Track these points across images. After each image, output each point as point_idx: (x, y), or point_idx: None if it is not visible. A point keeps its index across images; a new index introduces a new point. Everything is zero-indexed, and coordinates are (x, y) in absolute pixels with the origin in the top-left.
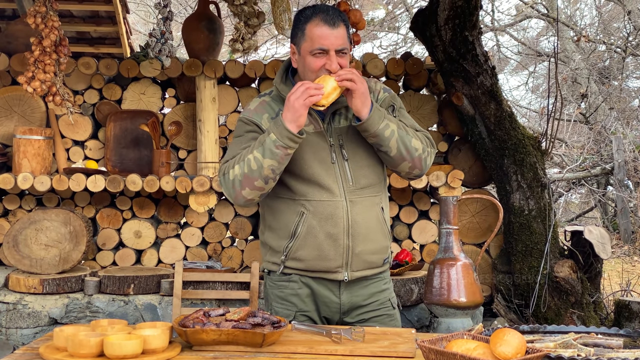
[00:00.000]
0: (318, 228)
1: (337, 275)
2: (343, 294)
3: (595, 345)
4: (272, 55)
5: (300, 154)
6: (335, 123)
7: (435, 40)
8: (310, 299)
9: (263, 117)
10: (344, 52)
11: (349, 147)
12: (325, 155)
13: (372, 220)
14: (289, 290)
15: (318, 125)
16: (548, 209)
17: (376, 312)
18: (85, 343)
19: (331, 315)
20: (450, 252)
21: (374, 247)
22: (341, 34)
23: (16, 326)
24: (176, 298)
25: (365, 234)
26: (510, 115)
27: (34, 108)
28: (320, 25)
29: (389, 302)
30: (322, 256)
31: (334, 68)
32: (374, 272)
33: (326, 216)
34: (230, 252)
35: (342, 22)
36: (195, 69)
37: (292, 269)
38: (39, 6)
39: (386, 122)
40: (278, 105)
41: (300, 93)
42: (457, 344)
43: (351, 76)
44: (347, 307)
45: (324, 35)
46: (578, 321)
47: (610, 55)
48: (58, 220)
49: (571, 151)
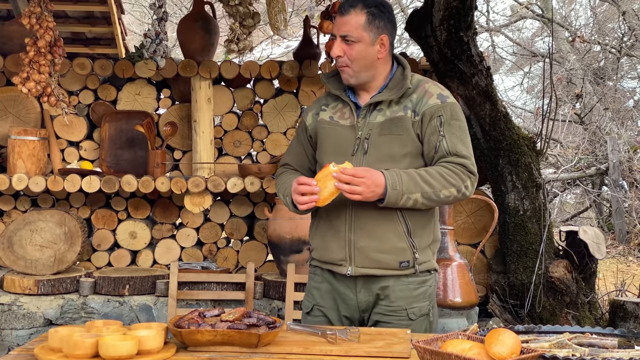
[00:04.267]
0: (325, 218)
1: (341, 269)
2: (360, 291)
3: (590, 345)
4: (267, 55)
5: (324, 146)
6: (372, 117)
7: (430, 40)
8: (330, 296)
9: (309, 114)
10: (350, 40)
11: (373, 140)
12: (348, 148)
13: (380, 217)
14: (313, 283)
15: (352, 118)
16: (543, 209)
17: (387, 317)
18: (80, 344)
19: (351, 314)
20: (446, 253)
21: (382, 246)
22: (349, 20)
23: (11, 327)
24: (171, 299)
25: (370, 229)
26: (505, 115)
27: (29, 109)
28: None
29: (404, 311)
30: (327, 247)
31: (332, 51)
32: (387, 274)
33: (333, 206)
34: (226, 252)
35: (361, 10)
36: (190, 70)
37: (314, 260)
38: (34, 7)
39: (406, 197)
40: (327, 100)
41: (294, 193)
42: (452, 344)
43: (348, 181)
44: (364, 305)
45: (335, 21)
46: (573, 321)
47: (605, 55)
48: (53, 221)
49: (566, 151)
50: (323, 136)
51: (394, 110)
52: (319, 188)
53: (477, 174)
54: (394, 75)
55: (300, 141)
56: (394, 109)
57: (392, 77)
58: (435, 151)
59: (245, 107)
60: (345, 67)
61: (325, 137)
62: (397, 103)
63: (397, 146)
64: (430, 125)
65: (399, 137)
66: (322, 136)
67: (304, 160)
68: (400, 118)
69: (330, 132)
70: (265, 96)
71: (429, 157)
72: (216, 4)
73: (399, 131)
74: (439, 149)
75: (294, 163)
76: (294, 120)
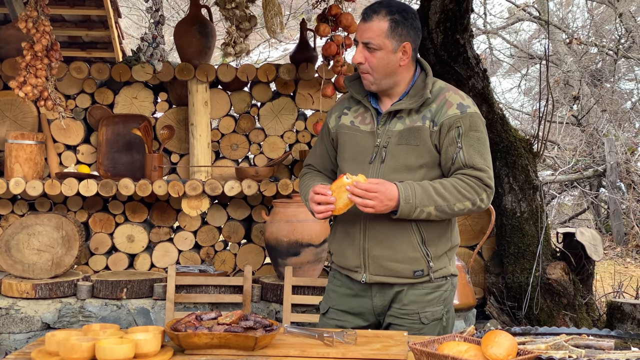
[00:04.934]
0: (341, 225)
1: (357, 275)
2: (375, 295)
3: (586, 347)
4: (264, 59)
5: (344, 151)
6: (392, 125)
7: (426, 43)
8: (347, 300)
9: (332, 116)
10: (372, 47)
11: (391, 149)
12: (367, 155)
13: (394, 227)
14: (332, 286)
15: (373, 125)
16: (540, 211)
17: (400, 320)
18: (77, 347)
19: (367, 317)
20: None
21: (396, 255)
22: (371, 27)
23: (9, 331)
24: (169, 302)
25: (383, 239)
26: (502, 117)
27: (26, 113)
28: (360, 19)
29: (416, 315)
30: (342, 253)
31: (353, 58)
32: (401, 282)
33: (347, 214)
34: (223, 255)
35: (384, 17)
36: (187, 73)
37: (333, 263)
38: (31, 11)
39: (419, 210)
40: (350, 103)
41: (311, 202)
42: (449, 346)
43: (361, 195)
44: (379, 309)
45: (357, 27)
46: (570, 323)
47: (602, 57)
48: (50, 224)
49: (563, 153)
50: (343, 141)
51: (413, 119)
52: (334, 198)
53: (493, 187)
54: (416, 82)
55: (324, 143)
56: (414, 118)
57: (414, 84)
58: (452, 163)
59: (242, 110)
60: (367, 74)
61: (345, 143)
62: (417, 112)
63: (413, 157)
64: (448, 136)
65: (416, 147)
66: (342, 141)
67: (326, 161)
68: (419, 128)
69: (350, 137)
70: (262, 99)
71: (446, 168)
72: (213, 7)
73: (416, 142)
74: (456, 161)
75: (317, 164)
76: (291, 123)
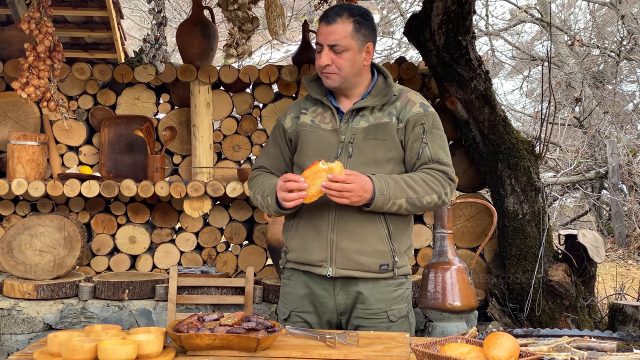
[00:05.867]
0: (306, 219)
1: (321, 270)
2: (338, 293)
3: (588, 349)
4: (266, 60)
5: (306, 149)
6: (355, 123)
7: (428, 45)
8: (307, 300)
9: (288, 117)
10: (339, 49)
11: (357, 145)
12: (331, 152)
13: (364, 219)
14: (288, 288)
15: (335, 123)
16: (542, 213)
17: (367, 321)
18: (79, 348)
19: (329, 317)
20: (445, 257)
21: (364, 248)
22: (336, 29)
23: (11, 332)
24: (171, 303)
25: (353, 231)
26: (504, 119)
27: (28, 114)
28: (320, 22)
29: (384, 314)
30: (307, 247)
31: (320, 61)
32: (366, 276)
33: (315, 206)
34: (225, 257)
35: (347, 19)
36: (189, 74)
37: (290, 262)
38: (33, 12)
39: (392, 202)
40: (306, 104)
41: (280, 190)
42: (451, 347)
43: (337, 190)
44: (342, 307)
45: (319, 31)
46: (572, 325)
47: (604, 59)
48: (52, 225)
49: (565, 155)
50: (305, 139)
51: (377, 117)
52: (307, 185)
53: (456, 182)
54: (377, 83)
55: (278, 144)
56: (377, 116)
57: (374, 85)
58: (418, 157)
59: (245, 111)
60: (333, 75)
61: (307, 140)
62: (380, 110)
63: (381, 151)
64: (413, 133)
65: (384, 142)
66: (305, 139)
67: (280, 163)
68: (386, 124)
69: (312, 134)
70: (264, 100)
71: (411, 164)
72: (215, 8)
73: (384, 136)
74: (422, 156)
75: (269, 166)
76: None
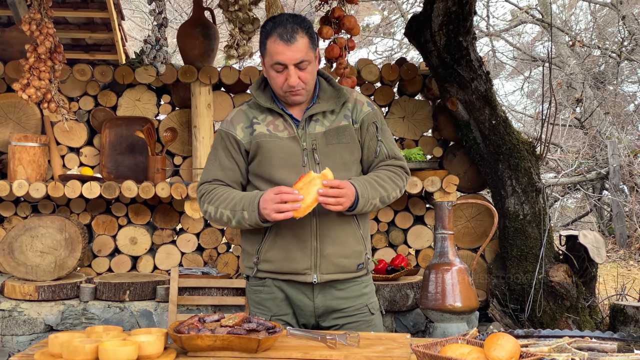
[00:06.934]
0: (286, 230)
1: (306, 278)
2: (317, 297)
3: (589, 349)
4: None
5: (270, 159)
6: (310, 128)
7: (429, 45)
8: (285, 303)
9: (237, 128)
10: (305, 65)
11: (322, 151)
12: (297, 160)
13: (343, 223)
14: (264, 295)
15: (292, 130)
16: (543, 214)
17: (352, 317)
18: (80, 349)
19: (307, 320)
20: (446, 257)
21: (344, 251)
22: (299, 47)
23: (12, 333)
24: (172, 304)
25: (334, 236)
26: (504, 120)
27: (29, 115)
28: (277, 42)
29: (366, 307)
30: (290, 257)
31: (291, 82)
32: (347, 277)
33: (294, 218)
34: (226, 258)
35: (303, 33)
36: (190, 75)
37: (264, 272)
38: (34, 13)
39: (370, 203)
40: (253, 113)
41: (272, 202)
42: (452, 348)
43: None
44: (321, 310)
45: (279, 51)
46: (573, 325)
47: (605, 60)
48: (53, 227)
49: (566, 156)
50: (267, 149)
51: (332, 120)
52: (302, 196)
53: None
54: (321, 86)
55: (231, 155)
56: (332, 119)
57: (320, 88)
58: (376, 156)
59: None
60: (301, 91)
61: (269, 150)
62: (333, 113)
63: (347, 154)
64: (368, 132)
65: (348, 145)
66: (266, 149)
67: (237, 175)
68: (346, 127)
69: (274, 144)
70: None
71: (369, 162)
72: (216, 9)
73: (347, 139)
74: (379, 154)
75: (225, 178)
76: None
